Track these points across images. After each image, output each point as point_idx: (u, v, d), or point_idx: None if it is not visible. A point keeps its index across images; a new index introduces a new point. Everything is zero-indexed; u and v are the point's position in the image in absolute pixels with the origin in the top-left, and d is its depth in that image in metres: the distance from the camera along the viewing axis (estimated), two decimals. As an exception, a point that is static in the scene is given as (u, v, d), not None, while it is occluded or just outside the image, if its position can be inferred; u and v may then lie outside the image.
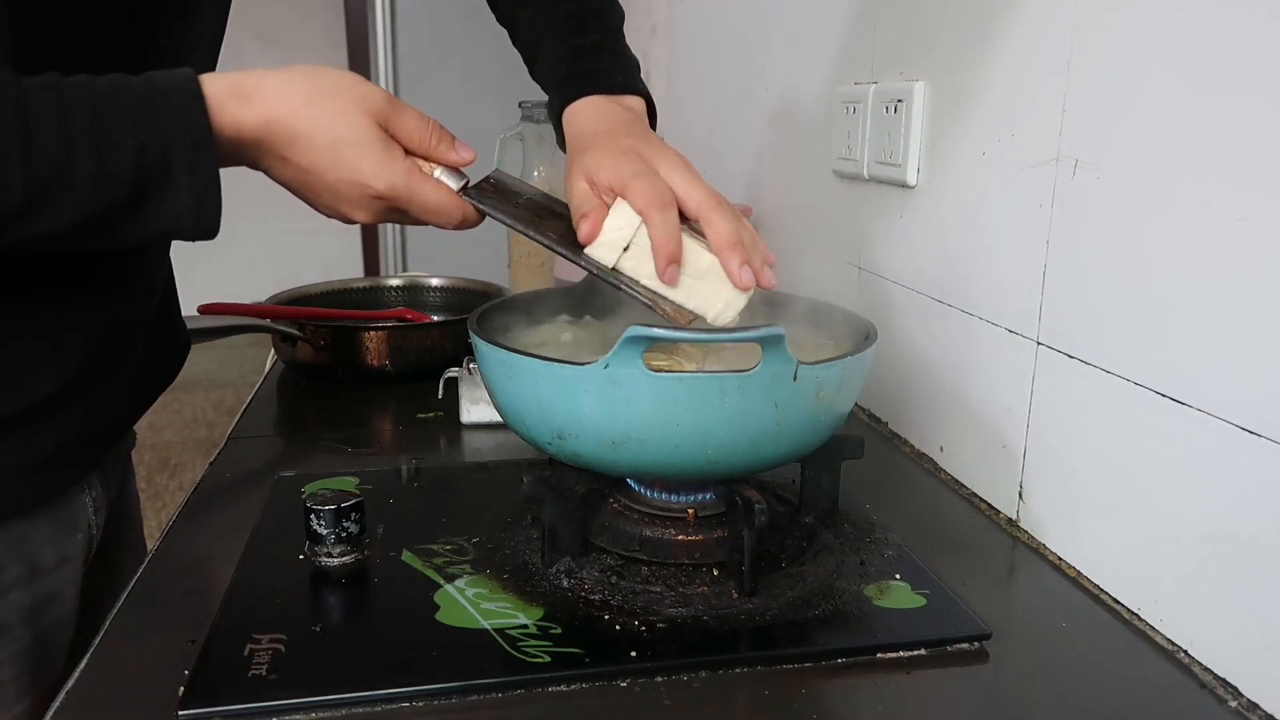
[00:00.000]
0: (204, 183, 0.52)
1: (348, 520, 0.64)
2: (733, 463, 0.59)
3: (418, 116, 0.60)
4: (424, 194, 0.59)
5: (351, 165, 0.57)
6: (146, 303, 0.73)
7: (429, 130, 0.60)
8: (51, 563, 0.68)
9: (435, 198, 0.60)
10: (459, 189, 0.61)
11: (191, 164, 0.52)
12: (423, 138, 0.60)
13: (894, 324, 0.90)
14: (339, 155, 0.56)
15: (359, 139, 0.57)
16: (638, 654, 0.55)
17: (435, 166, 0.61)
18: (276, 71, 0.56)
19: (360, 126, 0.57)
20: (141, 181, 0.51)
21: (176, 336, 0.83)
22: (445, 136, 0.61)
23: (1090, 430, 0.66)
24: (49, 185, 0.49)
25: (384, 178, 0.58)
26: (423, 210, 0.60)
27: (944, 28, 0.83)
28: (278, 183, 0.59)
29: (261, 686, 0.52)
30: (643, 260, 0.63)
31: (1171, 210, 0.58)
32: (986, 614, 0.59)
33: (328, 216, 0.61)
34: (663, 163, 0.65)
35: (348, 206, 0.59)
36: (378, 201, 0.59)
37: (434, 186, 0.60)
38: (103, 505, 0.75)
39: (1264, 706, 0.52)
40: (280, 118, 0.55)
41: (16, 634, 0.66)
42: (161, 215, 0.52)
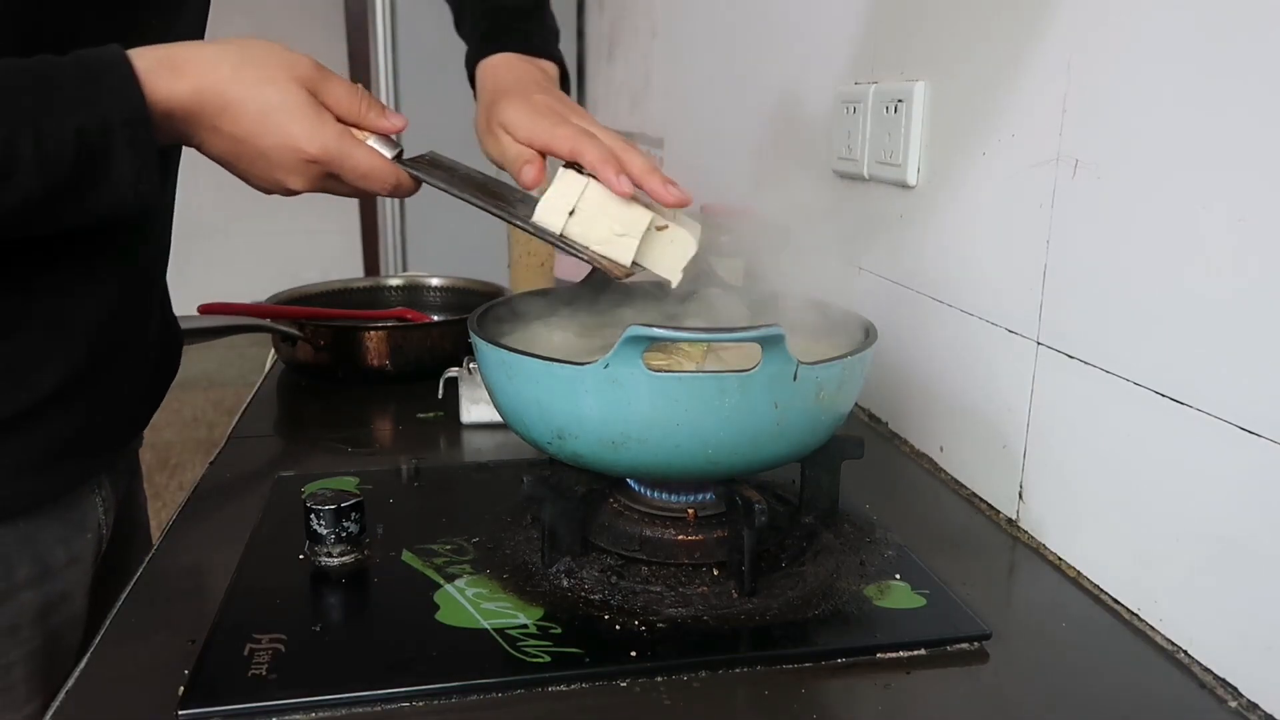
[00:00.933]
0: (143, 158, 0.53)
1: (348, 520, 0.64)
2: (733, 463, 0.59)
3: (346, 84, 0.61)
4: (357, 158, 0.60)
5: (283, 130, 0.57)
6: (149, 294, 0.73)
7: (358, 97, 0.61)
8: (62, 563, 0.69)
9: (368, 162, 0.60)
10: (392, 157, 0.62)
11: (130, 140, 0.52)
12: (352, 104, 0.60)
13: (894, 324, 0.90)
14: (270, 121, 0.57)
15: (289, 104, 0.57)
16: (638, 654, 0.55)
17: (368, 135, 0.61)
18: (204, 43, 0.57)
19: (290, 92, 0.57)
20: (82, 162, 0.51)
21: (173, 335, 0.83)
22: (375, 104, 0.62)
23: (1090, 430, 0.66)
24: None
25: (316, 140, 0.58)
26: (356, 175, 0.60)
27: (944, 28, 0.83)
28: (211, 157, 0.59)
29: (261, 686, 0.52)
30: (589, 224, 0.65)
31: (1172, 210, 0.58)
32: (986, 614, 0.59)
33: (265, 190, 0.61)
34: (574, 115, 0.68)
35: (283, 174, 0.59)
36: (312, 166, 0.59)
37: (367, 151, 0.60)
38: (112, 505, 0.75)
39: (1264, 706, 0.52)
40: (210, 86, 0.55)
41: (27, 635, 0.66)
42: (102, 193, 0.53)
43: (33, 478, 0.64)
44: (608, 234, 0.65)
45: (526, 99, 0.69)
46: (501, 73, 0.75)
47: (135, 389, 0.74)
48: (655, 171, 0.65)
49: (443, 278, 1.31)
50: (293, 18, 4.38)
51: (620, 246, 0.65)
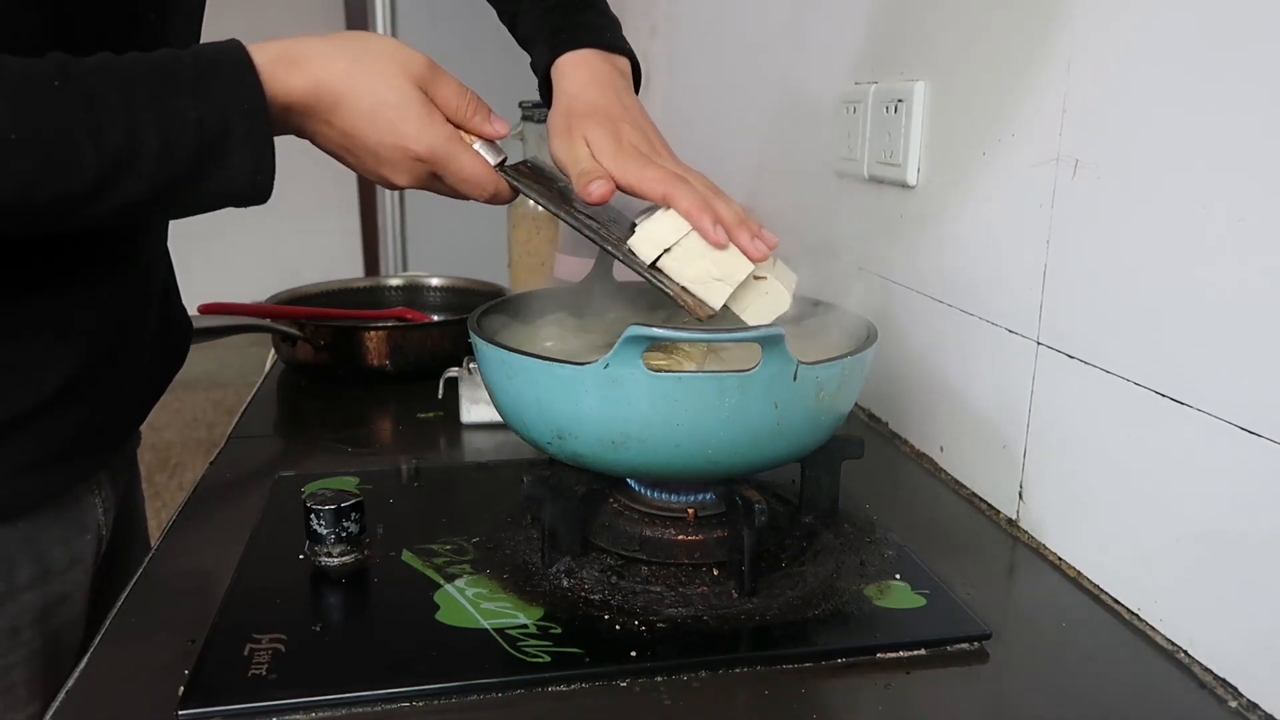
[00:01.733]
0: (260, 149, 0.54)
1: (348, 520, 0.64)
2: (733, 463, 0.59)
3: (457, 85, 0.61)
4: (461, 161, 0.61)
5: (394, 128, 0.58)
6: (148, 293, 0.73)
7: (466, 100, 0.61)
8: (62, 564, 0.68)
9: (472, 167, 0.61)
10: (496, 164, 0.62)
11: (249, 131, 0.53)
12: (460, 106, 0.61)
13: (894, 324, 0.90)
14: (381, 118, 0.57)
15: (401, 101, 0.58)
16: (638, 654, 0.55)
17: (474, 139, 0.62)
18: (321, 38, 0.57)
19: (403, 90, 0.58)
20: (202, 152, 0.52)
21: (179, 326, 0.83)
22: (482, 108, 0.62)
23: (1090, 430, 0.66)
24: (118, 164, 0.50)
25: (424, 140, 0.59)
26: (458, 178, 0.61)
27: (944, 28, 0.83)
28: (323, 148, 0.60)
29: (261, 686, 0.52)
30: (685, 262, 0.64)
31: (1172, 210, 0.58)
32: (986, 614, 0.59)
33: (371, 179, 0.62)
34: (661, 155, 0.68)
35: (389, 169, 0.60)
36: (419, 165, 0.60)
37: (472, 156, 0.61)
38: (111, 506, 0.75)
39: (1264, 706, 0.52)
40: (326, 82, 0.56)
41: (28, 636, 0.66)
42: (221, 183, 0.54)
43: (34, 478, 0.64)
44: (703, 275, 0.64)
45: (614, 129, 0.67)
46: (580, 74, 0.73)
47: (136, 386, 0.74)
48: (745, 224, 0.64)
49: (443, 278, 1.31)
50: (292, 17, 4.38)
51: (714, 290, 0.64)
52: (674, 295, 0.64)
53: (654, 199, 0.64)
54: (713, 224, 0.63)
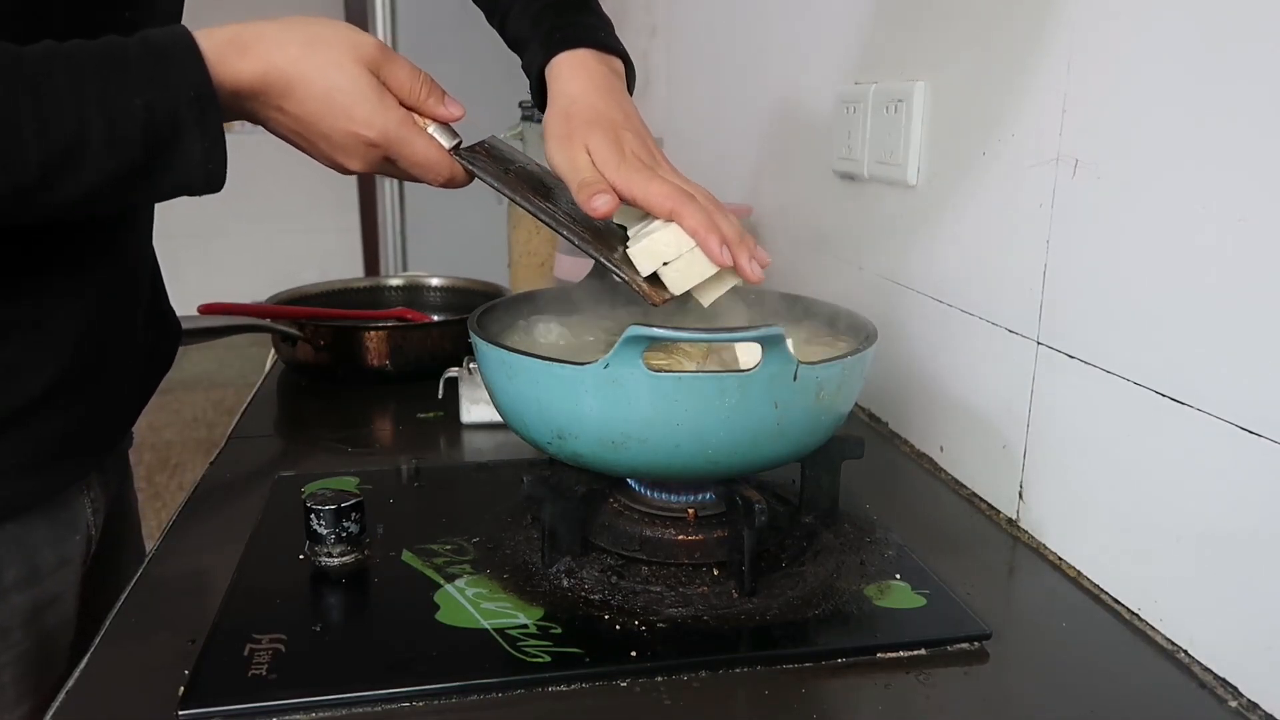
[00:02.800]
0: (212, 136, 0.53)
1: (348, 520, 0.64)
2: (733, 463, 0.59)
3: (409, 67, 0.60)
4: (415, 146, 0.60)
5: (346, 113, 0.57)
6: (135, 294, 0.73)
7: (419, 82, 0.60)
8: (51, 565, 0.68)
9: (425, 152, 0.60)
10: (450, 148, 0.62)
11: (199, 119, 0.52)
12: (413, 89, 0.60)
13: (894, 324, 0.90)
14: (334, 103, 0.57)
15: (353, 86, 0.57)
16: (638, 654, 0.55)
17: (429, 122, 0.61)
18: (270, 22, 0.56)
19: (354, 74, 0.57)
20: (152, 141, 0.52)
21: (169, 327, 0.82)
22: (435, 90, 0.61)
23: (1090, 430, 0.66)
24: (65, 155, 0.50)
25: (377, 125, 0.58)
26: (412, 163, 0.61)
27: (944, 28, 0.83)
28: (276, 134, 0.60)
29: (261, 686, 0.52)
30: (683, 274, 0.64)
31: (1172, 210, 0.58)
32: (986, 614, 0.59)
33: (324, 165, 0.61)
34: (664, 168, 0.67)
35: (343, 155, 0.59)
36: (372, 150, 0.59)
37: (426, 140, 0.60)
38: (101, 506, 0.75)
39: (1264, 706, 0.52)
40: (276, 67, 0.55)
41: (17, 637, 0.66)
42: (173, 171, 0.53)
43: (24, 480, 0.64)
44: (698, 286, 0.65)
45: (617, 138, 0.67)
46: (579, 75, 0.71)
47: (125, 386, 0.73)
48: (744, 243, 0.64)
49: (443, 278, 1.31)
50: (292, 18, 4.37)
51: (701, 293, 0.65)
52: (627, 280, 0.64)
53: (661, 215, 0.64)
54: (719, 245, 0.62)
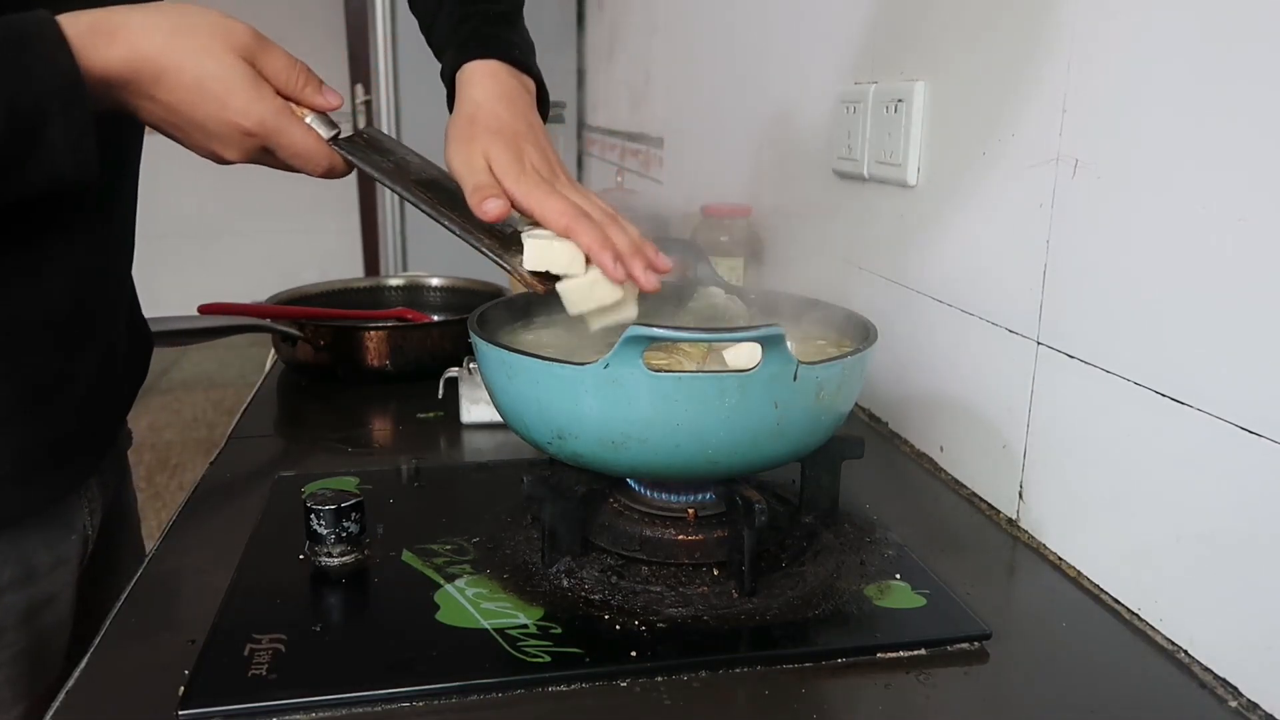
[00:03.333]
0: (79, 126, 0.51)
1: (348, 520, 0.64)
2: (733, 463, 0.59)
3: (285, 56, 0.59)
4: (292, 135, 0.59)
5: (220, 101, 0.56)
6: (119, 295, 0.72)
7: (296, 71, 0.59)
8: (47, 565, 0.68)
9: (303, 142, 0.59)
10: (329, 138, 0.61)
11: (65, 108, 0.51)
12: (290, 78, 0.59)
13: (894, 324, 0.90)
14: (206, 91, 0.55)
15: (225, 74, 0.56)
16: (638, 654, 0.55)
17: (307, 112, 0.60)
18: (137, 7, 0.55)
19: (226, 62, 0.56)
20: (16, 132, 0.50)
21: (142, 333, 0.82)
22: (313, 79, 0.60)
23: (1090, 430, 0.66)
24: None
25: (253, 114, 0.57)
26: (290, 153, 0.59)
27: (944, 28, 0.83)
28: (148, 124, 0.58)
29: (261, 686, 0.52)
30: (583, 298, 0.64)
31: (1171, 210, 0.58)
32: (986, 614, 0.59)
33: (200, 155, 0.60)
34: (562, 182, 0.67)
35: (218, 144, 0.58)
36: (248, 139, 0.58)
37: (304, 130, 0.59)
38: (99, 507, 0.75)
39: (1264, 706, 0.52)
40: (144, 54, 0.54)
41: (11, 638, 0.66)
42: (40, 163, 0.52)
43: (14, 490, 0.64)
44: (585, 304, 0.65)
45: (518, 149, 0.67)
46: (488, 84, 0.72)
47: (105, 393, 0.72)
48: (640, 252, 0.65)
49: (443, 278, 1.31)
50: (293, 18, 4.38)
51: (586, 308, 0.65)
52: (508, 268, 0.64)
53: (556, 230, 0.64)
54: (613, 261, 0.62)
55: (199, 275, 3.73)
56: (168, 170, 0.58)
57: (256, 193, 4.44)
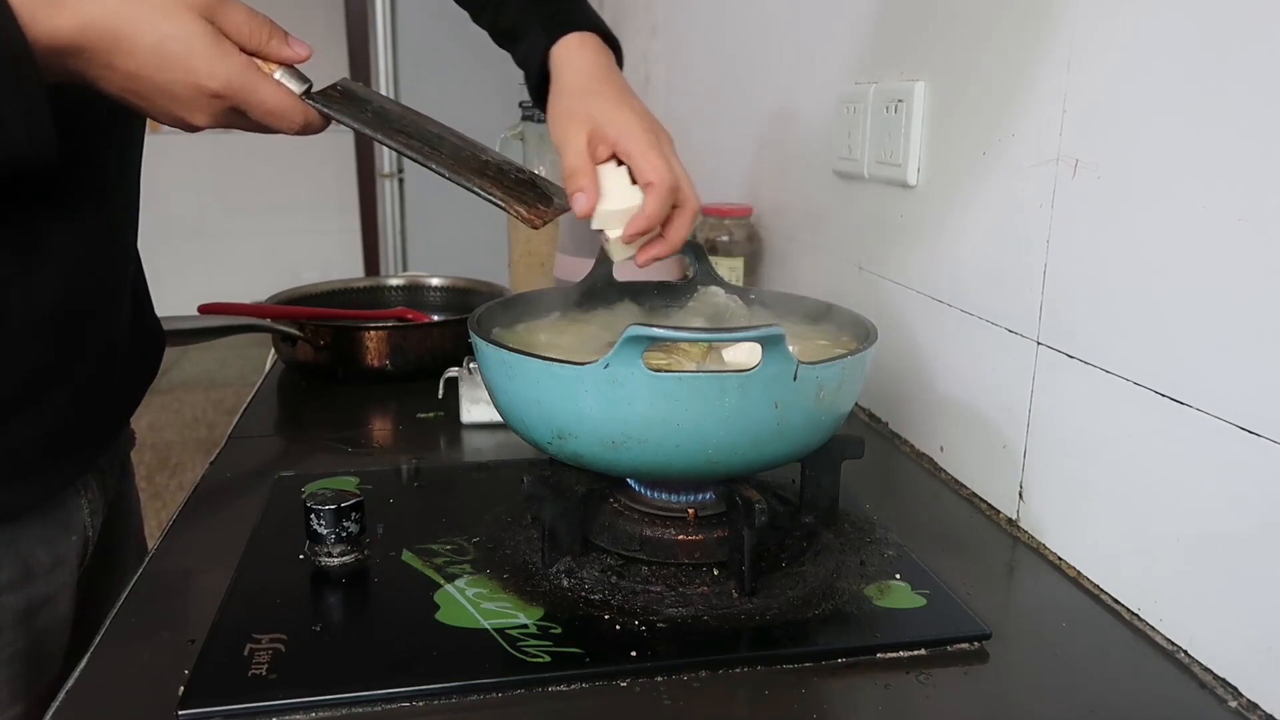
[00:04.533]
0: (30, 99, 0.49)
1: (348, 520, 0.64)
2: (733, 463, 0.59)
3: (246, 10, 0.56)
4: (262, 93, 0.56)
5: (183, 64, 0.53)
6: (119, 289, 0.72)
7: (260, 24, 0.56)
8: (45, 565, 0.68)
9: (275, 98, 0.57)
10: (301, 92, 0.58)
11: (13, 83, 0.48)
12: (253, 32, 0.56)
13: (894, 324, 0.90)
14: (167, 54, 0.52)
15: (185, 34, 0.53)
16: (638, 654, 0.55)
17: (276, 68, 0.57)
18: None
19: (185, 22, 0.53)
20: None
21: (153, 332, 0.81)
22: (278, 32, 0.58)
23: (1090, 430, 0.66)
24: None
25: (218, 75, 0.54)
26: (262, 111, 0.57)
27: (944, 28, 0.83)
28: (110, 95, 0.55)
29: (261, 686, 0.52)
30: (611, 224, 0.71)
31: (1171, 210, 0.58)
32: (986, 614, 0.59)
33: (167, 123, 0.57)
34: (665, 144, 0.71)
35: (185, 110, 0.55)
36: (216, 101, 0.55)
37: (274, 86, 0.57)
38: (99, 507, 0.75)
39: (1264, 706, 0.52)
40: (96, 20, 0.51)
41: (8, 638, 0.66)
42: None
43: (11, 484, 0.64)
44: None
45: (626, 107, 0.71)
46: (589, 55, 0.74)
47: (108, 390, 0.72)
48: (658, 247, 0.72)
49: (443, 278, 1.31)
50: (293, 18, 4.38)
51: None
52: (502, 205, 0.64)
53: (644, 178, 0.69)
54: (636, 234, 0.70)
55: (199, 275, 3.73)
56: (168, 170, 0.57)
57: (257, 193, 4.44)
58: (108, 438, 0.76)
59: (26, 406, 0.63)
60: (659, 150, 0.70)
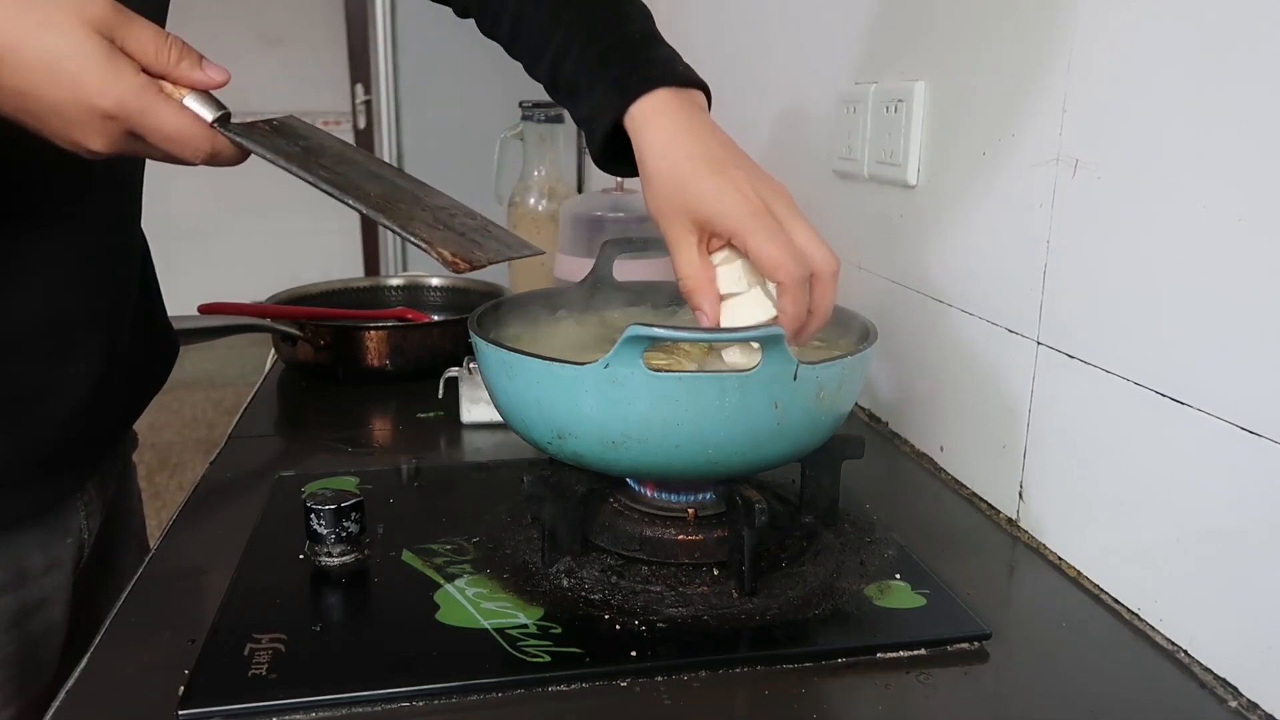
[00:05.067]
0: None
1: (348, 520, 0.64)
2: (733, 463, 0.59)
3: (153, 29, 0.52)
4: (161, 116, 0.51)
5: (74, 82, 0.49)
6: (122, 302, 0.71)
7: (167, 45, 0.51)
8: (40, 568, 0.67)
9: (175, 122, 0.51)
10: (213, 119, 0.53)
11: None
12: (159, 51, 0.51)
13: (894, 324, 0.90)
14: (58, 72, 0.49)
15: (77, 51, 0.49)
16: (638, 654, 0.55)
17: (186, 92, 0.53)
18: None
19: (79, 38, 0.49)
20: None
21: (164, 339, 0.81)
22: (189, 53, 0.52)
23: (1090, 430, 0.66)
24: None
25: (110, 94, 0.49)
26: (160, 136, 0.52)
27: (944, 28, 0.83)
28: (5, 116, 0.51)
29: (261, 686, 0.52)
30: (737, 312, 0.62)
31: (1171, 210, 0.58)
32: (986, 614, 0.59)
33: (67, 147, 0.53)
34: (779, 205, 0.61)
35: (79, 132, 0.51)
36: (110, 123, 0.51)
37: (174, 109, 0.52)
38: (97, 509, 0.74)
39: (1264, 706, 0.52)
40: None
41: (1, 641, 0.66)
42: None
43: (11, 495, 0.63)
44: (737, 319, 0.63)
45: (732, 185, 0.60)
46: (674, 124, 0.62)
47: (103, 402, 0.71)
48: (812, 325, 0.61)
49: (443, 278, 1.31)
50: (293, 18, 4.38)
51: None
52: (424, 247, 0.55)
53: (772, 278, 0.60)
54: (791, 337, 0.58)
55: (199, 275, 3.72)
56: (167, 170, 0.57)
57: (257, 193, 4.44)
58: (105, 448, 0.75)
59: (19, 420, 0.63)
60: (773, 232, 0.59)
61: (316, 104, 4.48)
